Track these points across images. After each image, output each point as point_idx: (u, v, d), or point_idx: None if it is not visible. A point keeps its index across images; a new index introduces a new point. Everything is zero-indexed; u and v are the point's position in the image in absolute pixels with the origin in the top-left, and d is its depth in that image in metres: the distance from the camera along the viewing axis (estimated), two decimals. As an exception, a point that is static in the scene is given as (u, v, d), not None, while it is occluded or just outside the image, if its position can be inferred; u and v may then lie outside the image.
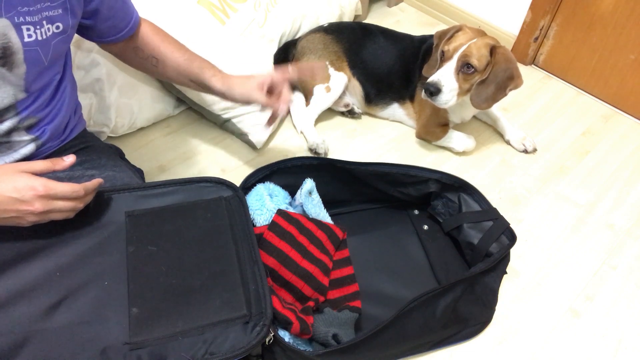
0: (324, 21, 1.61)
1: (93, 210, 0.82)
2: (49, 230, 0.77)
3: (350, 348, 0.83)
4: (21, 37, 0.74)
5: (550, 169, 1.44)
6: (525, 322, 1.07)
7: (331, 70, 1.43)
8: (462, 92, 1.27)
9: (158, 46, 0.98)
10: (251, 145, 1.38)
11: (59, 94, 0.89)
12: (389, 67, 1.44)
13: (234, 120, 1.37)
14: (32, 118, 0.84)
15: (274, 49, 1.51)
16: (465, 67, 1.23)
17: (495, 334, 1.04)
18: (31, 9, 0.73)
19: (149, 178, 1.23)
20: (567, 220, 1.30)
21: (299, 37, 1.53)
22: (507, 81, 1.24)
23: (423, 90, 1.28)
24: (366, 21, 1.88)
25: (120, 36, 0.94)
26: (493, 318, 1.06)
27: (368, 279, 1.05)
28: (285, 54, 1.51)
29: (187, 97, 1.38)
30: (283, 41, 1.54)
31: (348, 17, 1.77)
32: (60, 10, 0.78)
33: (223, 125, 1.41)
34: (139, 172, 1.13)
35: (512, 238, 1.04)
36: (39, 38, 0.76)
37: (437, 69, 1.27)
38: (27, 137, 0.85)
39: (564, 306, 1.11)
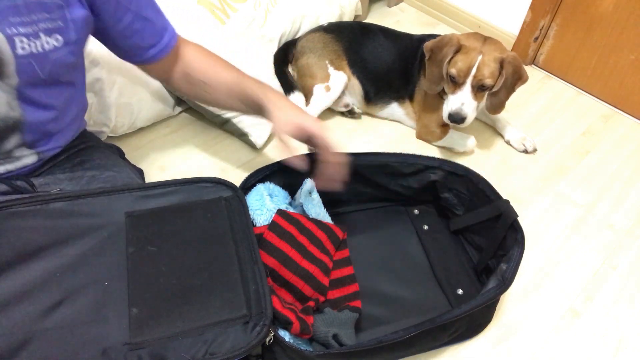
0: (324, 21, 1.61)
1: (93, 211, 0.81)
2: (49, 230, 0.77)
3: (351, 352, 0.82)
4: (13, 48, 0.70)
5: (550, 169, 1.44)
6: (525, 322, 1.07)
7: (331, 69, 1.43)
8: (478, 104, 1.31)
9: (207, 70, 0.96)
10: (251, 145, 1.38)
11: (67, 112, 0.87)
12: (388, 65, 1.44)
13: (233, 120, 1.37)
14: (36, 136, 0.83)
15: (274, 49, 1.51)
16: (479, 87, 1.26)
17: (495, 334, 1.04)
18: (24, 19, 0.69)
19: (149, 178, 1.23)
20: (567, 220, 1.30)
21: (299, 37, 1.53)
22: (516, 82, 1.29)
23: (447, 117, 1.29)
24: (366, 21, 1.88)
25: (147, 57, 0.90)
26: (493, 318, 1.06)
27: (368, 279, 1.05)
28: (285, 53, 1.51)
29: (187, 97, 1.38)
30: (283, 41, 1.54)
31: (348, 17, 1.77)
32: (60, 22, 0.73)
33: (223, 125, 1.41)
34: (139, 172, 1.13)
35: (521, 238, 1.00)
36: (34, 51, 0.72)
37: (452, 95, 1.28)
38: (28, 152, 0.84)
39: (564, 306, 1.11)
